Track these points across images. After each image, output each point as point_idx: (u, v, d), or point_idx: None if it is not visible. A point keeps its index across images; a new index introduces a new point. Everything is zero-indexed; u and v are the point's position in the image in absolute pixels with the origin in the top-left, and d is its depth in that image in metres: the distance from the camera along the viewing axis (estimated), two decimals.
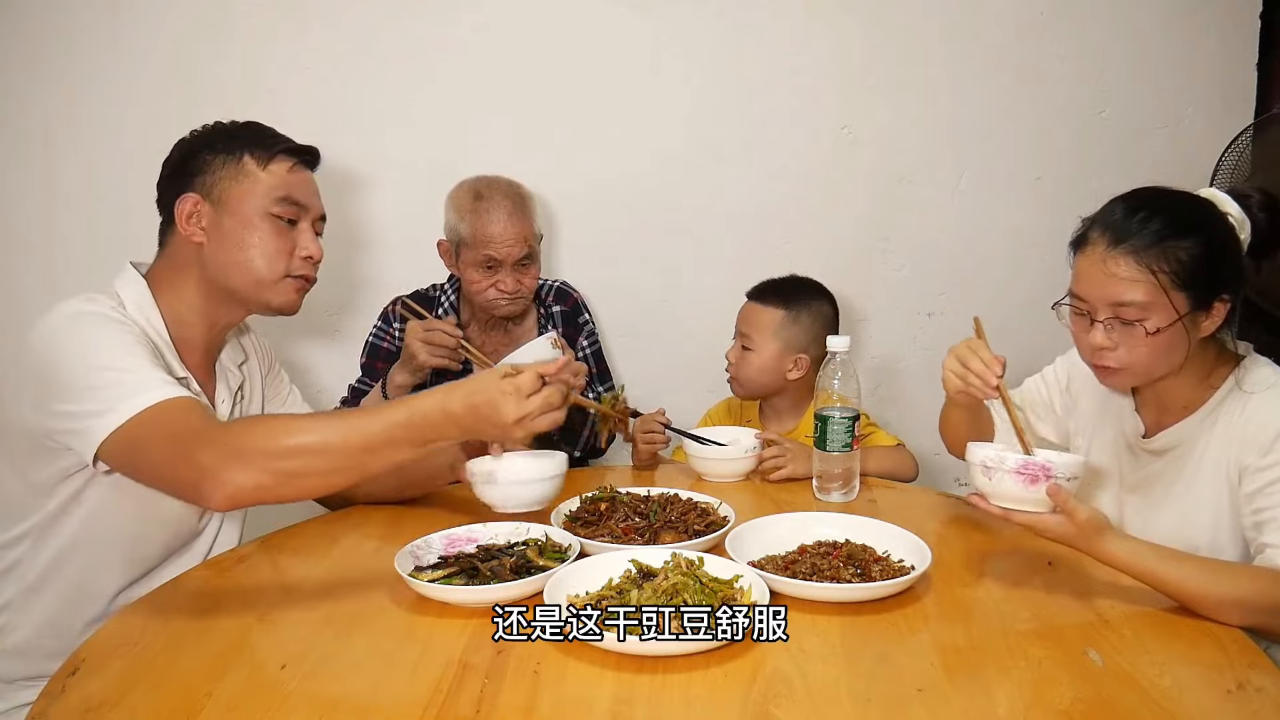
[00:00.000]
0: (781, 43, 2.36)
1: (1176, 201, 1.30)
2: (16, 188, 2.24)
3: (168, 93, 2.21)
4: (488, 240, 1.92)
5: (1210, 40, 2.43)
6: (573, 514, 1.46)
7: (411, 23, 2.27)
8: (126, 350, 1.23)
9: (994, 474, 1.22)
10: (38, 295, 1.41)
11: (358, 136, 2.29)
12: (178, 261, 1.40)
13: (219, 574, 1.33)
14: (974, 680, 1.01)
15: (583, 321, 2.17)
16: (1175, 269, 1.24)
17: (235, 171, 1.38)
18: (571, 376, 1.85)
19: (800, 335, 1.89)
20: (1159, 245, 1.25)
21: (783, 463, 1.69)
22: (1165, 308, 1.25)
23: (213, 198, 1.38)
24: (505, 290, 1.96)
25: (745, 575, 1.18)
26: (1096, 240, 1.29)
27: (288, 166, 1.42)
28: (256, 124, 1.44)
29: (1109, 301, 1.27)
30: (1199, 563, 1.17)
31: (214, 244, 1.38)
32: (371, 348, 2.09)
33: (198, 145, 1.40)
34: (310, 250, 1.44)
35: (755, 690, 0.98)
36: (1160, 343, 1.27)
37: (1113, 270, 1.26)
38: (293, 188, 1.42)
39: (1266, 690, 0.98)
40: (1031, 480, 1.20)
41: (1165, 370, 1.32)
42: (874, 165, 2.43)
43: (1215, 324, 1.29)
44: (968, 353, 1.37)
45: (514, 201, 1.97)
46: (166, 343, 1.37)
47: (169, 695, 0.99)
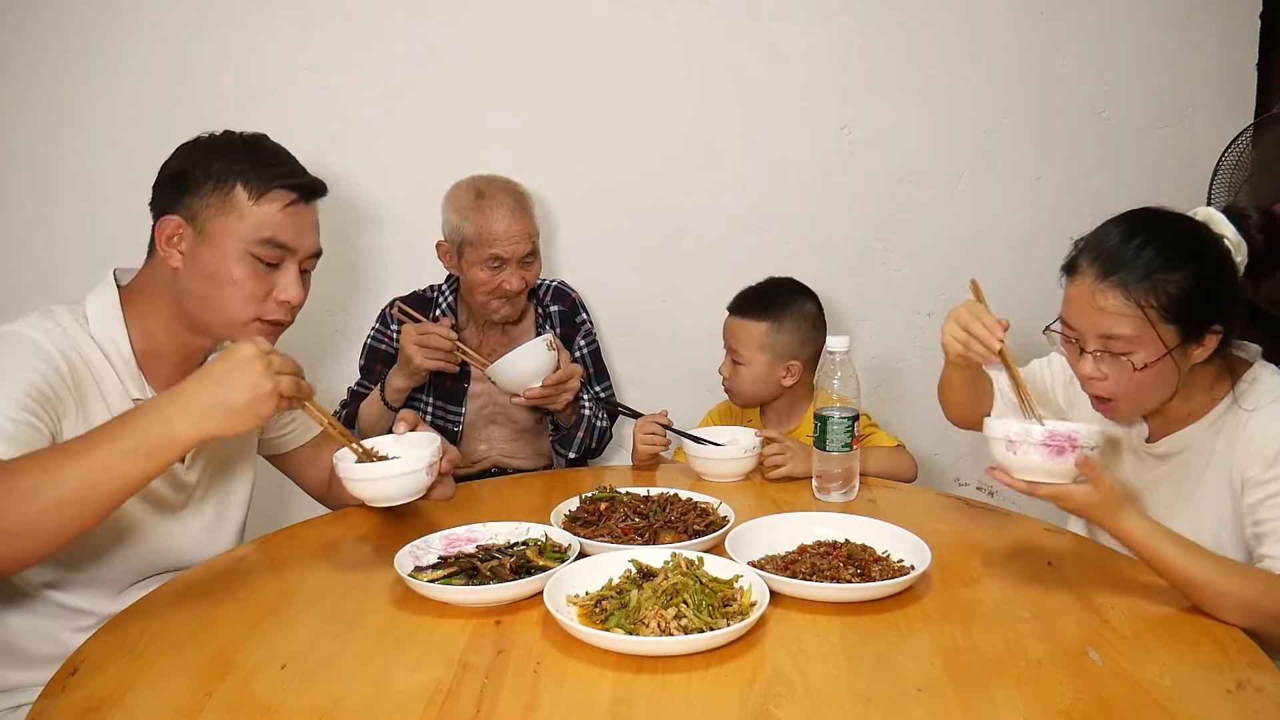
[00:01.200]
0: (782, 43, 2.36)
1: (1168, 230, 1.28)
2: (17, 188, 2.24)
3: (167, 93, 2.21)
4: (493, 238, 1.92)
5: (1210, 40, 2.43)
6: (573, 514, 1.46)
7: (410, 24, 2.27)
8: (10, 385, 1.17)
9: (1019, 447, 1.21)
10: (38, 295, 1.41)
11: (357, 137, 2.28)
12: (155, 278, 1.35)
13: (219, 574, 1.33)
14: (974, 680, 1.01)
15: (580, 321, 2.16)
16: (1164, 303, 1.23)
17: (223, 201, 1.30)
18: (568, 378, 1.88)
19: (788, 343, 1.89)
20: (1148, 279, 1.23)
21: (782, 460, 1.69)
22: (1154, 342, 1.24)
23: (196, 224, 1.31)
24: (510, 289, 1.96)
25: (745, 575, 1.18)
26: (1086, 270, 1.28)
27: (282, 203, 1.33)
28: (261, 145, 1.36)
29: (1097, 333, 1.27)
30: (1210, 557, 1.16)
31: (188, 272, 1.31)
32: (369, 350, 2.09)
33: (194, 161, 1.32)
34: (289, 295, 1.35)
35: (755, 690, 0.98)
36: (1149, 376, 1.26)
37: (1101, 304, 1.25)
38: (280, 228, 1.33)
39: (1266, 690, 0.98)
40: (1058, 452, 1.19)
41: (1157, 401, 1.32)
42: (874, 165, 2.43)
43: (1207, 353, 1.27)
44: (969, 317, 1.35)
45: (515, 199, 1.97)
46: (126, 360, 1.32)
47: (169, 695, 0.99)
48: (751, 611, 1.10)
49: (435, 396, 2.07)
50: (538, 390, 1.84)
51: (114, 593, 1.34)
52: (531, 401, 1.87)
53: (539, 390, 1.84)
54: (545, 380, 1.84)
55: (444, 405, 2.07)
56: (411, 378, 1.91)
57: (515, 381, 1.85)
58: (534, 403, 1.88)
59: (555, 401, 1.90)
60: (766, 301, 1.92)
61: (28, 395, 1.19)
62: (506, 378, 1.85)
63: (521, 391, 1.85)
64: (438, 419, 2.07)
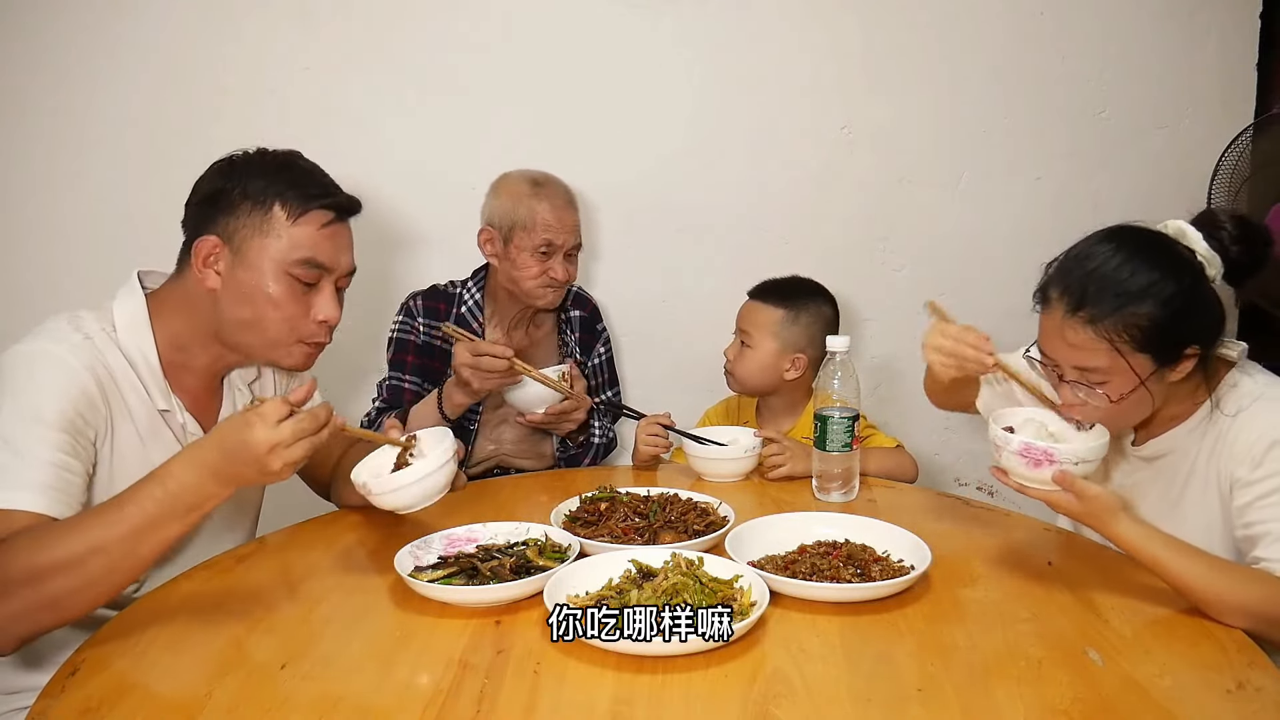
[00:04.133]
0: (782, 43, 2.36)
1: (1135, 256, 1.24)
2: (17, 188, 2.24)
3: (169, 93, 2.21)
4: (547, 225, 1.94)
5: (1210, 40, 2.43)
6: (573, 514, 1.46)
7: (412, 24, 2.27)
8: (42, 425, 1.17)
9: (1001, 453, 1.26)
10: (37, 295, 1.41)
11: (358, 137, 2.28)
12: (190, 295, 1.33)
13: (218, 574, 1.33)
14: (974, 680, 1.01)
15: (600, 329, 2.19)
16: (1135, 335, 1.22)
17: (261, 222, 1.30)
18: (573, 410, 1.89)
19: (799, 335, 1.89)
20: (1117, 314, 1.22)
21: (782, 460, 1.69)
22: (1126, 372, 1.24)
23: (233, 245, 1.30)
24: (557, 277, 1.97)
25: (745, 575, 1.18)
26: (1055, 303, 1.27)
27: (320, 223, 1.33)
28: (298, 164, 1.36)
29: (1072, 365, 1.27)
30: (1208, 560, 1.16)
31: (227, 293, 1.31)
32: (398, 343, 2.08)
33: (232, 181, 1.31)
34: (327, 314, 1.36)
35: (755, 690, 0.98)
36: (1126, 405, 1.27)
37: (1071, 339, 1.25)
38: (319, 248, 1.33)
39: (1266, 690, 0.98)
40: (1034, 464, 1.22)
41: (1138, 420, 1.33)
42: (874, 165, 2.43)
43: (1184, 372, 1.27)
44: (953, 342, 1.37)
45: (568, 194, 2.02)
46: (153, 370, 1.32)
47: (169, 695, 0.99)
48: (751, 611, 1.10)
49: None
50: (539, 416, 1.87)
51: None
52: (533, 424, 1.91)
53: (539, 416, 1.87)
54: (549, 409, 1.87)
55: None
56: (472, 397, 1.86)
57: (524, 403, 1.87)
58: (535, 424, 1.92)
59: (558, 428, 1.95)
60: (787, 291, 1.93)
61: (62, 430, 1.19)
62: (517, 397, 1.87)
63: (526, 413, 1.88)
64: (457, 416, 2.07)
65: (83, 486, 1.21)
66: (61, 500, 1.16)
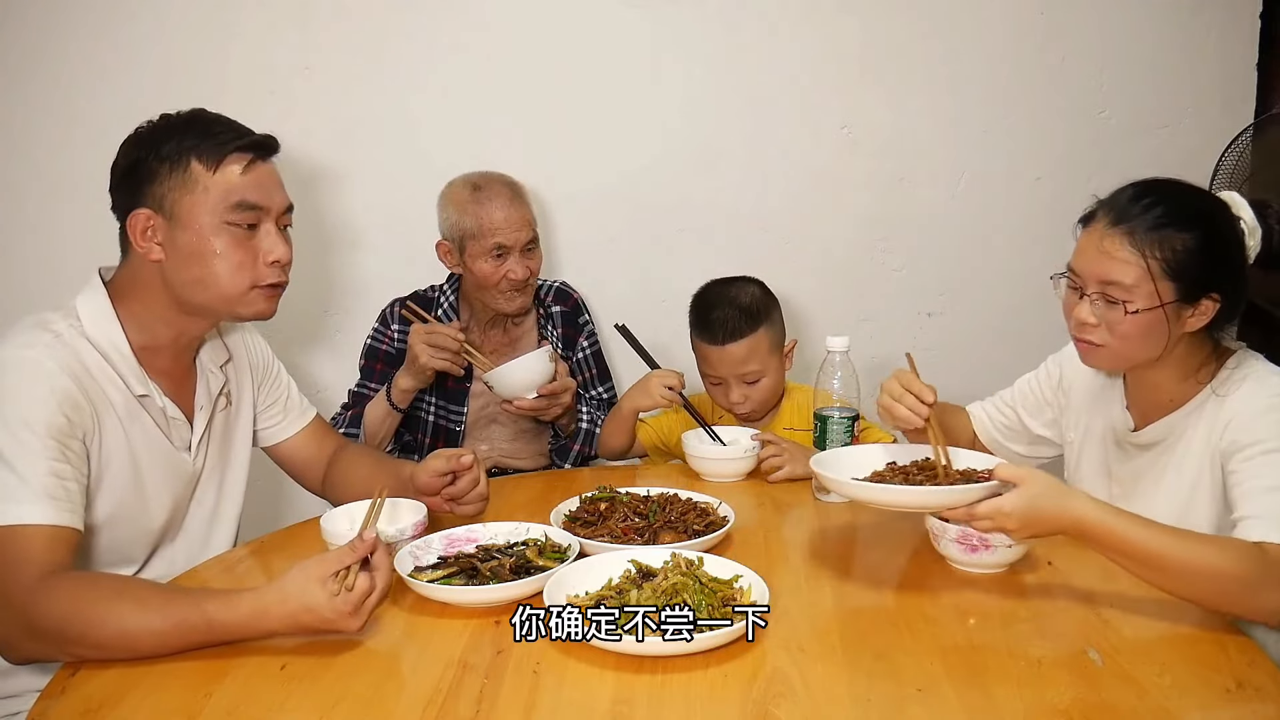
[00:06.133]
0: (781, 42, 2.36)
1: (1187, 194, 1.32)
2: (17, 188, 2.23)
3: (168, 92, 2.16)
4: (494, 228, 1.94)
5: (1210, 40, 2.43)
6: (572, 514, 1.46)
7: (411, 24, 2.27)
8: (31, 434, 1.16)
9: (940, 541, 1.31)
10: (37, 295, 1.41)
11: (357, 137, 2.28)
12: (140, 274, 1.33)
13: (218, 574, 1.33)
14: (974, 680, 1.01)
15: (583, 322, 2.17)
16: (1168, 257, 1.25)
17: (183, 180, 1.28)
18: (562, 391, 1.90)
19: (779, 329, 1.88)
20: (1157, 232, 1.26)
21: (781, 462, 1.69)
22: (1150, 294, 1.26)
23: (165, 211, 1.29)
24: (516, 277, 1.97)
25: (745, 575, 1.18)
26: (1100, 218, 1.32)
27: (240, 166, 1.31)
28: (202, 118, 1.34)
29: (1098, 278, 1.29)
30: (1172, 530, 1.12)
31: (173, 261, 1.30)
32: (370, 350, 2.09)
33: (143, 151, 1.30)
34: (276, 254, 1.34)
35: (755, 690, 0.98)
36: (1139, 325, 1.27)
37: (1107, 249, 1.28)
38: (248, 190, 1.31)
39: (1266, 690, 0.98)
40: (971, 550, 1.27)
41: (1142, 357, 1.32)
42: (874, 165, 2.43)
43: (1201, 321, 1.28)
44: (899, 389, 1.38)
45: (511, 189, 2.00)
46: (125, 357, 1.31)
47: (169, 695, 0.99)
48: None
49: (438, 396, 2.07)
50: (529, 401, 1.87)
51: None
52: (522, 411, 1.90)
53: (530, 401, 1.87)
54: (539, 391, 1.86)
55: (446, 405, 2.07)
56: (418, 378, 1.91)
57: (511, 389, 1.87)
58: (524, 412, 1.91)
59: (546, 414, 1.94)
60: (747, 309, 1.84)
61: (50, 436, 1.18)
62: (503, 384, 1.87)
63: (515, 400, 1.87)
64: (440, 419, 2.07)
65: (81, 490, 1.21)
66: (65, 508, 1.16)
